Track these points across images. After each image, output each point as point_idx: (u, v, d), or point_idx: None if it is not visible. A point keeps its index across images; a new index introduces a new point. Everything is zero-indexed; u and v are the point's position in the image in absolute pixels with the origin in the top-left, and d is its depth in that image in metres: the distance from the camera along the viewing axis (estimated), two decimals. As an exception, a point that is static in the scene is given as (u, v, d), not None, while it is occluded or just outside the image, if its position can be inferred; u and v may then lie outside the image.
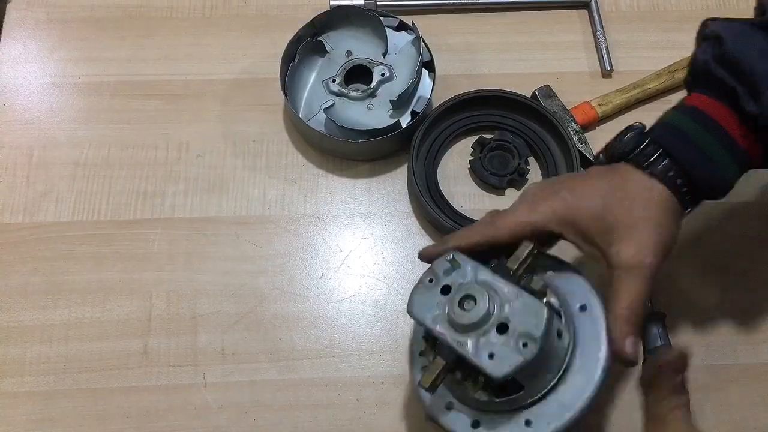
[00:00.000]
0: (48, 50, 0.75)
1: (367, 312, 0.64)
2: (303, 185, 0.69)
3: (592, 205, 0.47)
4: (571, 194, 0.48)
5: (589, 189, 0.48)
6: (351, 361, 0.61)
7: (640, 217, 0.46)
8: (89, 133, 0.71)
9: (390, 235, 0.67)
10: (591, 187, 0.48)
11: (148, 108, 0.72)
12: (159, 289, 0.64)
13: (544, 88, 0.72)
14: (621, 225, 0.46)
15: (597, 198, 0.47)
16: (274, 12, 0.78)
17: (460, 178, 0.70)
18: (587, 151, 0.69)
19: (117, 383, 0.60)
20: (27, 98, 0.73)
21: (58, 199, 0.67)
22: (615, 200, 0.47)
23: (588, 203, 0.47)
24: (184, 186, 0.68)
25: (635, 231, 0.45)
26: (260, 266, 0.65)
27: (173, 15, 0.77)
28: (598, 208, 0.46)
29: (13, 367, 0.60)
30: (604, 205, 0.47)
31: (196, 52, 0.75)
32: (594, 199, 0.47)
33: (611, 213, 0.46)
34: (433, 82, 0.70)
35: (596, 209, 0.47)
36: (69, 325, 0.62)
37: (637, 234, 0.45)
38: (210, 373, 0.61)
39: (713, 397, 0.60)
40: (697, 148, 0.47)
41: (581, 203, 0.47)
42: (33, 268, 0.64)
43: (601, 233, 0.46)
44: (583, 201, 0.47)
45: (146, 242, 0.66)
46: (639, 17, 0.79)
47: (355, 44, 0.73)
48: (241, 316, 0.63)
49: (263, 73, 0.74)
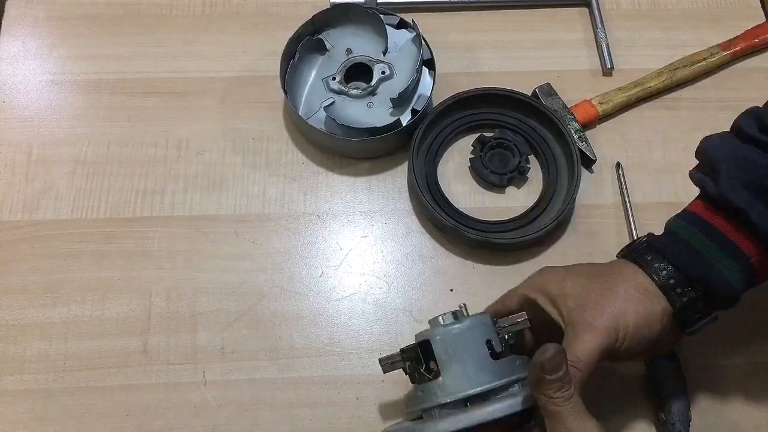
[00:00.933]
0: (47, 48, 0.75)
1: (367, 310, 0.64)
2: (303, 183, 0.69)
3: (566, 275, 0.50)
4: (556, 269, 0.52)
5: (573, 268, 0.52)
6: (351, 359, 0.61)
7: (606, 290, 0.48)
8: (88, 130, 0.71)
9: (390, 233, 0.67)
10: (576, 267, 0.52)
11: (147, 105, 0.72)
12: (158, 287, 0.64)
13: (544, 86, 0.72)
14: (586, 293, 0.48)
15: (576, 273, 0.51)
16: (274, 9, 0.78)
17: (460, 176, 0.70)
18: (587, 149, 0.69)
19: (117, 381, 0.60)
20: (26, 96, 0.72)
21: (58, 197, 0.67)
22: (592, 276, 0.50)
23: (564, 274, 0.51)
24: (184, 184, 0.68)
25: (597, 297, 0.48)
26: (260, 264, 0.65)
27: (173, 12, 0.77)
28: (573, 279, 0.50)
29: (13, 365, 0.60)
30: (578, 276, 0.50)
31: (195, 50, 0.75)
32: (572, 273, 0.50)
33: (582, 284, 0.49)
34: (433, 80, 0.70)
35: (570, 279, 0.50)
36: (68, 323, 0.62)
37: (599, 303, 0.47)
38: (210, 371, 0.60)
39: (712, 397, 0.60)
40: (681, 242, 0.49)
41: (557, 274, 0.51)
42: (32, 266, 0.64)
43: (565, 297, 0.49)
44: (559, 272, 0.51)
45: (146, 240, 0.66)
46: (640, 15, 0.79)
47: (355, 42, 0.73)
48: (240, 314, 0.63)
49: (263, 70, 0.73)
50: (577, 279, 0.49)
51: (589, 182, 0.69)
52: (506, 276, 0.65)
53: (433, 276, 0.65)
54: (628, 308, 0.47)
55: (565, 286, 0.49)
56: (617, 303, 0.47)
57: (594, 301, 0.47)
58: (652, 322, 0.47)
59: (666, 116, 0.73)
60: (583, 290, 0.48)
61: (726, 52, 0.74)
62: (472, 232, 0.64)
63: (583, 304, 0.47)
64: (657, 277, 0.48)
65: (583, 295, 0.48)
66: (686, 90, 0.74)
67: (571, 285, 0.49)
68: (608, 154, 0.71)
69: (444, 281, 0.65)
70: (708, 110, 0.73)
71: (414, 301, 0.64)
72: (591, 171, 0.70)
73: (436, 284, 0.65)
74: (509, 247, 0.65)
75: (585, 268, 0.51)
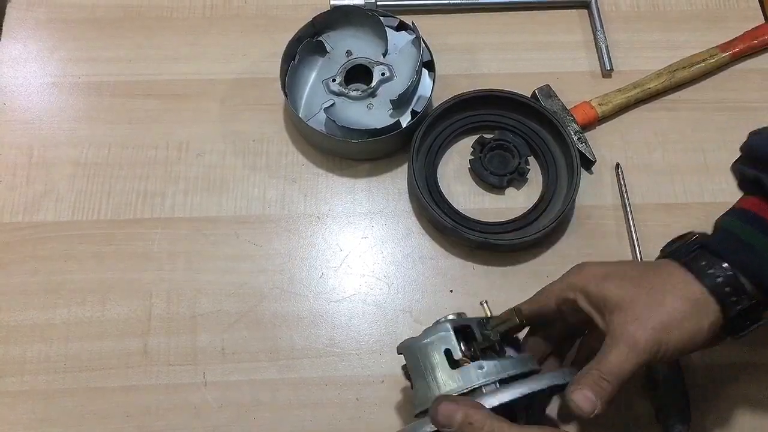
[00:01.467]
0: (48, 50, 0.75)
1: (367, 311, 0.64)
2: (303, 185, 0.69)
3: (607, 274, 0.47)
4: (596, 266, 0.48)
5: (616, 267, 0.48)
6: (351, 360, 0.61)
7: (653, 300, 0.44)
8: (89, 132, 0.71)
9: (390, 234, 0.67)
10: (619, 266, 0.48)
11: (148, 108, 0.72)
12: (159, 289, 0.64)
13: (544, 87, 0.72)
14: (630, 300, 0.45)
15: (619, 274, 0.47)
16: (274, 12, 0.78)
17: (460, 177, 0.70)
18: (587, 150, 0.69)
19: (117, 382, 0.60)
20: (27, 98, 0.73)
21: (58, 199, 0.67)
22: (637, 281, 0.46)
23: (605, 273, 0.47)
24: (184, 185, 0.69)
25: (642, 308, 0.44)
26: (260, 265, 0.65)
27: (173, 15, 0.78)
28: (615, 281, 0.46)
29: (14, 366, 0.60)
30: (621, 279, 0.46)
31: (196, 52, 0.75)
32: (614, 274, 0.47)
33: (626, 289, 0.45)
34: (433, 81, 0.70)
35: (611, 281, 0.46)
36: (69, 324, 0.62)
37: (644, 317, 0.44)
38: (210, 372, 0.61)
39: (711, 397, 0.60)
40: (739, 241, 0.46)
41: (597, 272, 0.47)
42: (33, 268, 0.64)
43: (605, 300, 0.45)
44: (600, 270, 0.48)
45: (146, 242, 0.66)
46: (639, 17, 0.79)
47: (355, 44, 0.73)
48: (241, 316, 0.63)
49: (263, 72, 0.74)
50: (620, 282, 0.46)
51: (588, 183, 0.69)
52: (506, 277, 0.65)
53: (433, 277, 0.65)
54: (675, 324, 0.44)
55: (606, 287, 0.46)
56: (663, 318, 0.44)
57: (638, 314, 0.44)
58: (697, 336, 0.44)
59: (665, 117, 0.73)
60: (627, 297, 0.45)
61: (725, 54, 0.74)
62: (472, 233, 0.64)
63: (626, 314, 0.44)
64: (712, 284, 0.45)
65: (627, 303, 0.45)
66: (685, 91, 0.74)
67: (613, 287, 0.46)
68: (608, 156, 0.71)
69: (444, 282, 0.65)
70: (707, 111, 0.73)
71: (414, 302, 0.64)
72: (590, 172, 0.70)
73: (436, 285, 0.65)
74: (509, 248, 0.65)
75: (629, 269, 0.48)
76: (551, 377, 0.46)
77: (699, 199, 0.69)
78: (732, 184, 0.68)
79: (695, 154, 0.71)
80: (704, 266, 0.45)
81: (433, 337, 0.48)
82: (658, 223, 0.67)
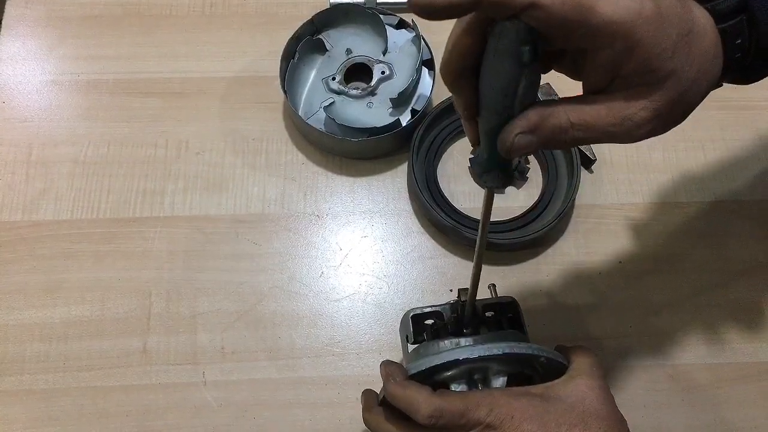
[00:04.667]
0: (47, 48, 0.75)
1: (367, 310, 0.64)
2: (303, 183, 0.69)
3: None
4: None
5: None
6: (351, 359, 0.61)
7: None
8: (88, 131, 0.71)
9: (390, 233, 0.67)
10: None
11: (147, 106, 0.72)
12: (158, 288, 0.64)
13: (544, 86, 0.72)
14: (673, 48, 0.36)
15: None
16: (274, 10, 0.78)
17: (460, 176, 0.70)
18: (587, 149, 0.69)
19: (116, 381, 0.60)
20: (26, 96, 0.72)
21: (57, 198, 0.67)
22: (676, 26, 0.36)
23: None
24: (184, 184, 0.68)
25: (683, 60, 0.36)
26: (260, 264, 0.65)
27: (173, 13, 0.77)
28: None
29: (13, 365, 0.60)
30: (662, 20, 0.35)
31: (195, 50, 0.75)
32: None
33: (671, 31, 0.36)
34: (433, 80, 0.70)
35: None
36: (68, 323, 0.62)
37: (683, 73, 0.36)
38: (209, 371, 0.61)
39: (711, 396, 0.60)
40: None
41: None
42: (32, 267, 0.64)
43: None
44: None
45: (145, 240, 0.66)
46: (639, 15, 0.79)
47: (354, 42, 0.73)
48: (240, 315, 0.63)
49: (263, 71, 0.74)
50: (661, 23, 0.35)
51: (588, 183, 0.69)
52: (506, 276, 0.65)
53: (433, 276, 0.65)
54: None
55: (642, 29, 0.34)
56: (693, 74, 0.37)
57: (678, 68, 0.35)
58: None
59: (666, 116, 0.73)
60: (669, 40, 0.35)
61: (726, 52, 0.74)
62: (472, 232, 0.64)
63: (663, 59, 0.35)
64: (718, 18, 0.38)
65: (670, 46, 0.35)
66: (686, 90, 0.74)
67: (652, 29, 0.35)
68: (608, 155, 0.71)
69: (444, 281, 0.65)
70: (709, 110, 0.72)
71: (414, 302, 0.64)
72: (590, 171, 0.70)
73: (436, 284, 0.65)
74: (509, 247, 0.65)
75: None
76: (484, 349, 0.44)
77: (699, 198, 0.69)
78: (733, 184, 0.69)
79: (695, 152, 0.71)
80: None
81: (403, 323, 0.55)
82: (659, 222, 0.67)
